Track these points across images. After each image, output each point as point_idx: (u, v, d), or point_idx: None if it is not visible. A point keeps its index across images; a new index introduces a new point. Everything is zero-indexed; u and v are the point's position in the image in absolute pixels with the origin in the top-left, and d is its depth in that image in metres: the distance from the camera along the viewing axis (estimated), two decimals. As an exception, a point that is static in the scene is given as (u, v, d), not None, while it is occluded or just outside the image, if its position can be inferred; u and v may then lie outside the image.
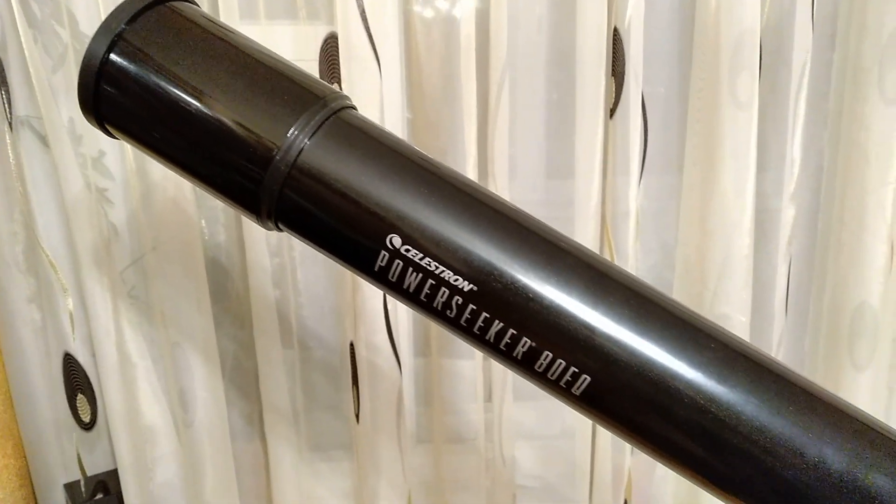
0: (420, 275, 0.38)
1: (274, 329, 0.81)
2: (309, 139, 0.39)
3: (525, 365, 0.38)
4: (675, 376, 0.36)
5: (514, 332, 0.38)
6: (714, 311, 0.78)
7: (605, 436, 0.84)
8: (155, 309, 0.77)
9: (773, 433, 0.36)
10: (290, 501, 0.84)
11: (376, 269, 0.39)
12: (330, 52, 0.73)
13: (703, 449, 0.37)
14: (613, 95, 0.76)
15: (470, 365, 0.83)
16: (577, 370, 0.37)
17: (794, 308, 0.88)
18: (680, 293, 0.82)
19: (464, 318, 0.39)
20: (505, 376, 0.83)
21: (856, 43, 0.80)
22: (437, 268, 0.38)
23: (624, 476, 0.85)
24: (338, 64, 0.72)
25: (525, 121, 0.80)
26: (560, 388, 0.38)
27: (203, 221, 0.81)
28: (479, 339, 0.39)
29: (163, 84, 0.40)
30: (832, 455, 0.36)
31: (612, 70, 0.76)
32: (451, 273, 0.38)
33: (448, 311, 0.39)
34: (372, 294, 0.77)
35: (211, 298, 0.79)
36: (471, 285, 0.38)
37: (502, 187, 0.77)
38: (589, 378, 0.37)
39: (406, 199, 0.39)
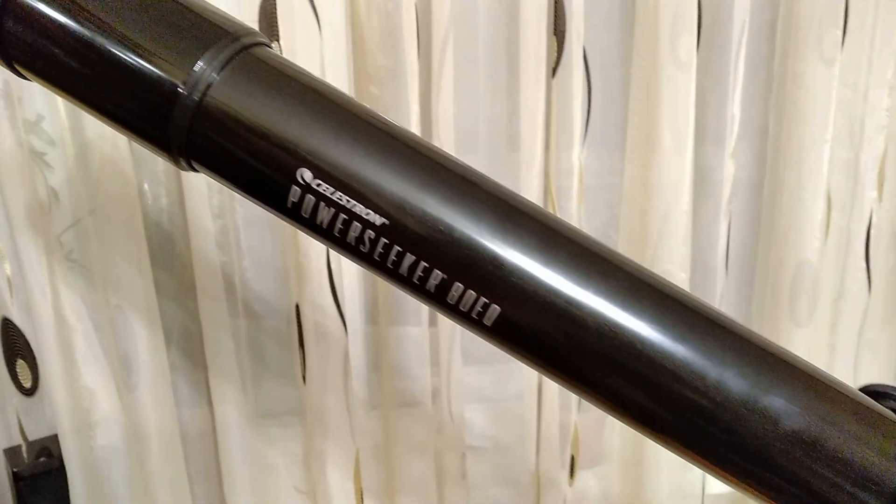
0: (332, 210, 0.38)
1: (219, 292, 0.80)
2: (218, 73, 0.39)
3: (438, 298, 0.39)
4: (580, 305, 0.37)
5: (426, 265, 0.38)
6: (655, 268, 0.80)
7: (552, 394, 0.85)
8: (95, 272, 0.76)
9: (677, 358, 0.37)
10: (238, 466, 0.84)
11: (289, 205, 0.39)
12: (269, 10, 0.72)
13: (610, 375, 0.38)
14: (556, 54, 0.76)
15: (417, 331, 0.83)
16: (487, 301, 0.38)
17: (739, 266, 0.90)
18: (624, 251, 0.83)
19: (377, 253, 0.39)
20: (453, 341, 0.83)
21: (795, 2, 0.81)
22: (348, 202, 0.38)
23: (570, 433, 0.86)
24: (277, 23, 0.71)
25: (468, 80, 0.80)
26: (472, 319, 0.39)
27: (146, 184, 0.79)
28: (392, 273, 0.39)
29: (66, 18, 0.39)
30: (732, 378, 0.37)
31: (555, 29, 0.76)
32: (363, 207, 0.38)
33: (361, 246, 0.39)
34: (316, 254, 0.77)
35: (154, 262, 0.78)
36: (383, 219, 0.38)
37: (447, 145, 0.77)
38: (499, 308, 0.38)
39: (316, 133, 0.38)
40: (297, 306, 0.79)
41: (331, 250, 0.76)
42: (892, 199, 0.88)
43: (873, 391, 0.43)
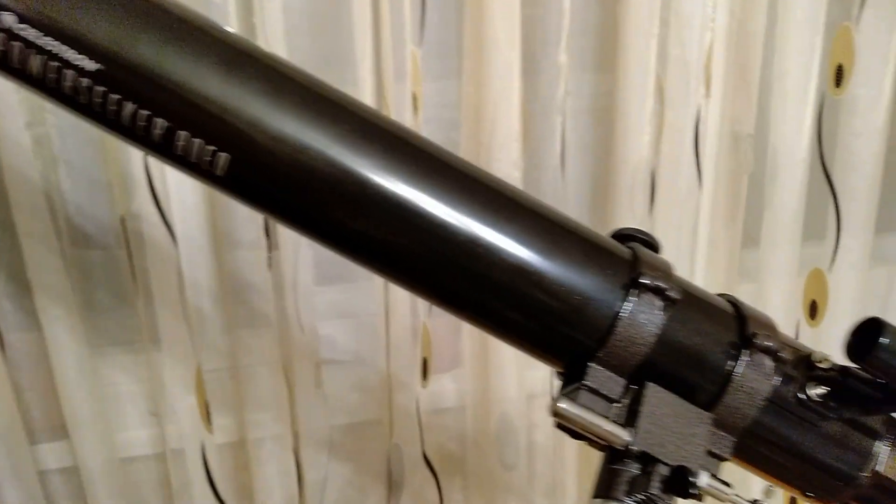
0: (42, 57, 0.36)
1: (38, 209, 0.75)
2: None
3: (166, 149, 0.37)
4: (306, 147, 0.37)
5: (148, 112, 0.36)
6: (491, 169, 0.80)
7: (401, 302, 0.85)
8: None
9: (400, 196, 0.38)
10: (75, 392, 0.81)
11: None
12: None
13: (348, 219, 0.38)
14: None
15: (256, 253, 0.82)
16: (214, 148, 0.37)
17: (578, 166, 0.92)
18: (464, 155, 0.83)
19: (95, 102, 0.36)
20: (296, 263, 0.81)
21: None
22: (58, 47, 0.35)
23: (419, 336, 0.87)
24: None
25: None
26: (203, 171, 0.38)
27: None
28: (115, 124, 0.37)
29: None
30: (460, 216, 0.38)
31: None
32: (75, 53, 0.36)
33: (79, 96, 0.37)
34: (137, 162, 0.73)
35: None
36: (97, 65, 0.36)
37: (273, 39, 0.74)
38: (228, 155, 0.37)
39: None
40: (123, 219, 0.76)
41: (148, 157, 0.73)
42: (721, 95, 0.91)
43: (622, 234, 0.45)
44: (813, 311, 1.02)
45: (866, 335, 0.38)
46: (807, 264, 1.02)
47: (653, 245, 0.44)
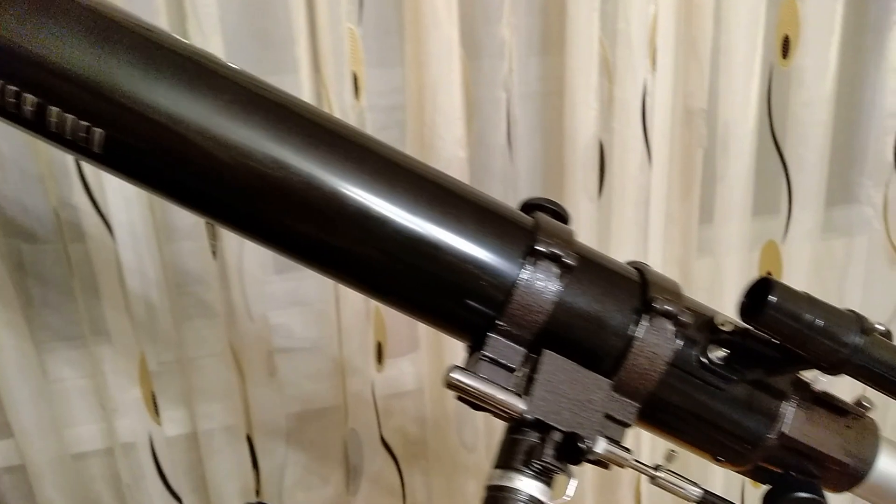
0: None
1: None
2: None
3: (40, 127, 0.36)
4: (182, 119, 0.36)
5: (14, 88, 0.35)
6: (436, 149, 0.79)
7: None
8: None
9: (282, 167, 0.37)
10: (19, 389, 0.79)
11: None
12: None
13: (236, 201, 0.38)
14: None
15: (198, 245, 0.80)
16: (87, 124, 0.35)
17: (528, 146, 0.91)
18: (411, 137, 0.82)
19: None
20: (241, 252, 0.80)
21: None
22: None
23: (371, 319, 0.87)
24: None
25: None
26: (81, 148, 0.36)
27: None
28: None
29: None
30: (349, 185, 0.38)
31: None
32: None
33: None
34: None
35: None
36: None
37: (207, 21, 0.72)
38: (103, 131, 0.35)
39: None
40: (56, 212, 0.74)
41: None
42: (672, 69, 0.90)
43: (530, 204, 0.44)
44: (767, 282, 1.02)
45: (758, 295, 0.38)
46: (762, 237, 1.02)
47: (561, 214, 0.43)
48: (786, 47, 0.91)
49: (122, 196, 0.76)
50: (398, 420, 0.95)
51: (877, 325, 0.38)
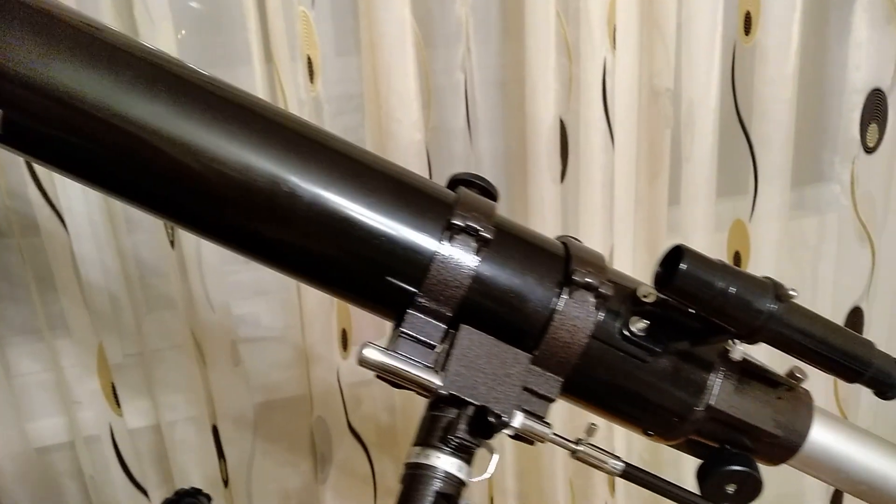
0: None
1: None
2: None
3: None
4: (78, 96, 0.35)
5: None
6: (392, 133, 0.78)
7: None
8: None
9: (188, 139, 0.36)
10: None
11: None
12: None
13: (131, 168, 0.37)
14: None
15: (156, 237, 0.80)
16: None
17: (490, 130, 0.90)
18: (369, 122, 0.81)
19: None
20: (199, 242, 0.79)
21: None
22: None
23: (333, 305, 0.86)
24: None
25: None
26: None
27: None
28: None
29: None
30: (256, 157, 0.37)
31: None
32: None
33: None
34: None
35: None
36: None
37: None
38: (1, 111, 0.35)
39: None
40: (7, 206, 0.73)
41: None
42: (636, 49, 0.89)
43: (457, 180, 0.43)
44: (737, 262, 1.02)
45: (672, 264, 0.37)
46: (730, 217, 1.02)
47: (488, 190, 0.43)
48: (748, 24, 0.90)
49: (78, 187, 0.75)
50: (367, 408, 0.95)
51: (790, 292, 0.38)
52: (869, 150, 0.99)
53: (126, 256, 0.80)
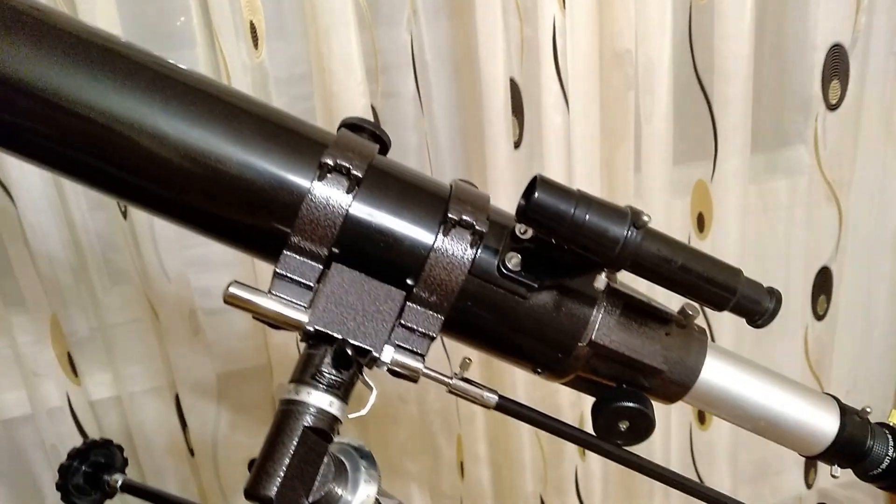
0: None
1: None
2: None
3: None
4: None
5: None
6: (336, 93, 0.77)
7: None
8: None
9: (46, 81, 0.36)
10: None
11: None
12: None
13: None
14: None
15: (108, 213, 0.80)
16: None
17: (444, 96, 0.89)
18: (315, 82, 0.81)
19: None
20: (151, 222, 0.79)
21: None
22: None
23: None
24: None
25: None
26: None
27: None
28: None
29: None
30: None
31: None
32: None
33: None
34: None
35: None
36: None
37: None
38: None
39: None
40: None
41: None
42: (596, 11, 0.88)
43: (347, 124, 0.43)
44: (700, 223, 1.02)
45: (530, 195, 0.37)
46: (692, 179, 1.01)
47: (379, 136, 0.43)
48: (702, -20, 0.89)
49: (20, 164, 0.75)
50: (331, 375, 0.95)
51: (644, 218, 0.37)
52: (832, 107, 0.98)
53: (79, 227, 0.80)
